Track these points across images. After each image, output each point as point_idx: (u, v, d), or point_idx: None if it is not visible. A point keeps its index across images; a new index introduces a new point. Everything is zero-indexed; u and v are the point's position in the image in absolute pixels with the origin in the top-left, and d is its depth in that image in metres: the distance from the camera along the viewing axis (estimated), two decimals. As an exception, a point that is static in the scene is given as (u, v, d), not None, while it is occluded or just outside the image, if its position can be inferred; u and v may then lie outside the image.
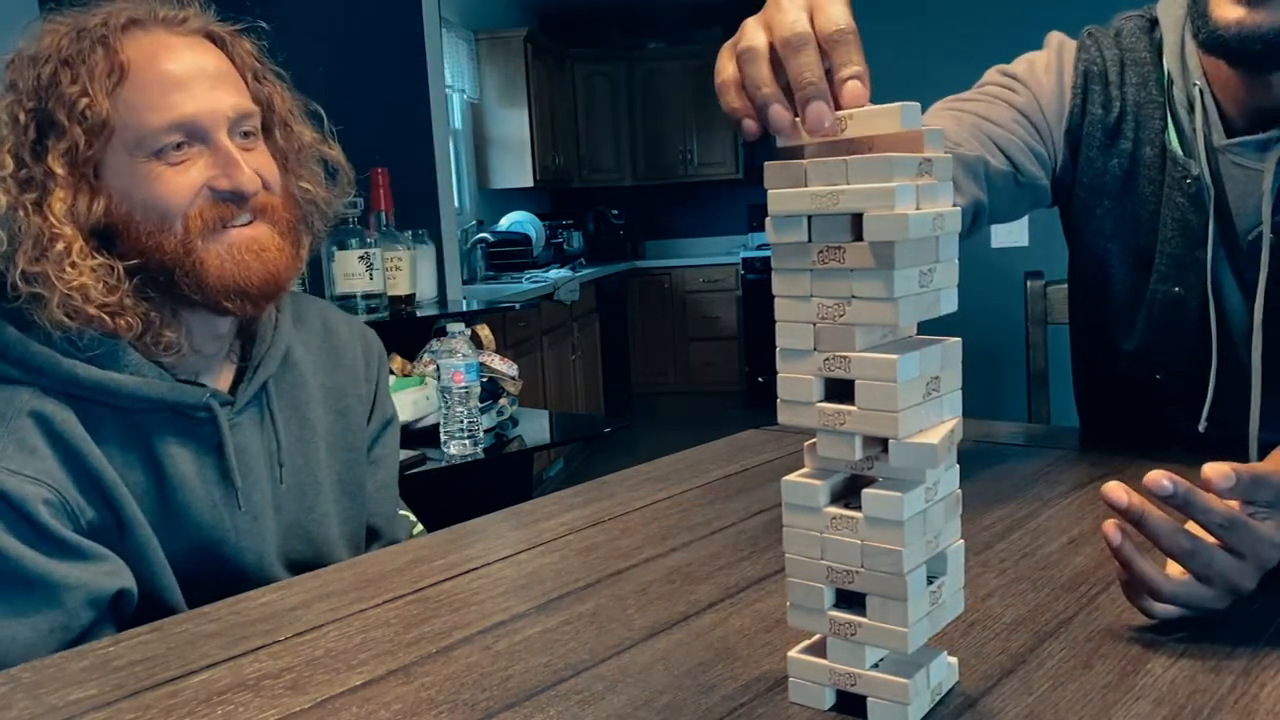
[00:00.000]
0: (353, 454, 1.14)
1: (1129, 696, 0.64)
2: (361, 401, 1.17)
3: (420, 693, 0.70)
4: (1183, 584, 0.69)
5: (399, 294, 2.41)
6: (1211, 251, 1.08)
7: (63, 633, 0.87)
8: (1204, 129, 1.06)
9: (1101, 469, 1.16)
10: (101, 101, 0.91)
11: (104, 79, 0.91)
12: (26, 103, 0.92)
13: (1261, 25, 0.93)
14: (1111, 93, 1.13)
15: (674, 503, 1.13)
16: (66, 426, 0.90)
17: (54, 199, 0.91)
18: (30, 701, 0.71)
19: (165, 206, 0.93)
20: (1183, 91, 1.08)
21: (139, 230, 0.93)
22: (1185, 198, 1.09)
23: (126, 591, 0.91)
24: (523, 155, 6.00)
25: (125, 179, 0.93)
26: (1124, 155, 1.13)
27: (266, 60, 1.04)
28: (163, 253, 0.94)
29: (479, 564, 0.96)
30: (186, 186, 0.93)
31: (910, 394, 0.57)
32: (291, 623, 0.84)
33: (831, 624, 0.61)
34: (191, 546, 0.97)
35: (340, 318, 1.19)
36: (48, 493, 0.87)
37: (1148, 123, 1.12)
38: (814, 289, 0.58)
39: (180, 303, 0.97)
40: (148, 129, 0.92)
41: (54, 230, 0.90)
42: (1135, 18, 1.16)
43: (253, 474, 1.02)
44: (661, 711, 0.65)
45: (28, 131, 0.92)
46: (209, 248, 0.94)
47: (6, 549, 0.85)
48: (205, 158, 0.94)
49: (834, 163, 0.56)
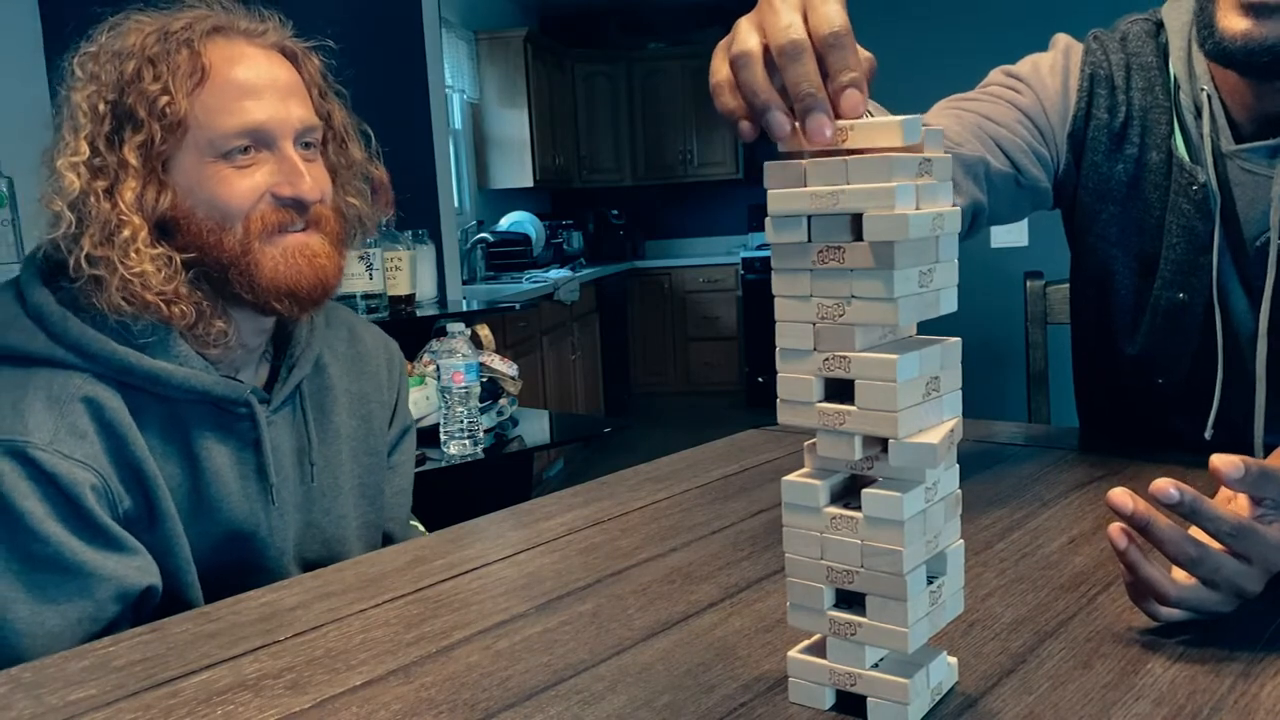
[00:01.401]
0: (375, 458, 1.16)
1: (1129, 696, 0.64)
2: (384, 408, 1.20)
3: (420, 693, 0.70)
4: (1189, 588, 0.69)
5: (399, 294, 2.41)
6: (1217, 258, 1.07)
7: (90, 624, 0.88)
8: (1212, 134, 1.05)
9: (1101, 470, 1.16)
10: (181, 101, 0.94)
11: (185, 80, 0.94)
12: (108, 94, 0.95)
13: (1268, 37, 0.93)
14: (1118, 97, 1.12)
15: (674, 503, 1.13)
16: (116, 414, 0.92)
17: (125, 188, 0.94)
18: (30, 701, 0.71)
19: (229, 207, 0.96)
20: (1189, 96, 1.08)
21: (200, 226, 0.96)
22: (1191, 204, 1.08)
23: (152, 589, 0.93)
24: (523, 155, 6.00)
25: (193, 176, 0.96)
26: (1130, 161, 1.13)
27: (330, 78, 1.09)
28: (221, 250, 0.97)
29: (479, 564, 0.96)
30: (250, 190, 0.96)
31: (910, 394, 0.57)
32: (291, 623, 0.84)
33: (831, 624, 0.61)
34: (220, 540, 0.99)
35: (365, 326, 1.23)
36: (95, 479, 0.89)
37: (1154, 128, 1.11)
38: (814, 289, 0.58)
39: (229, 299, 1.00)
40: (219, 131, 0.95)
41: (121, 217, 0.93)
42: (1141, 21, 1.15)
43: (283, 471, 1.04)
44: (661, 711, 0.65)
45: (105, 122, 0.95)
46: (265, 250, 0.97)
47: (50, 534, 0.87)
48: (270, 164, 0.97)
49: (834, 162, 0.56)
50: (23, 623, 0.85)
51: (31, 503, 0.86)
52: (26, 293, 0.95)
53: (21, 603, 0.86)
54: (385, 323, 2.30)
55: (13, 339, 0.92)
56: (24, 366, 0.91)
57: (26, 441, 0.86)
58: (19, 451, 0.86)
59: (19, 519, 0.86)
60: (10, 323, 0.93)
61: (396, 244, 2.39)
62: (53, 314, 0.93)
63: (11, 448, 0.86)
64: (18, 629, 0.85)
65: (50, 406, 0.89)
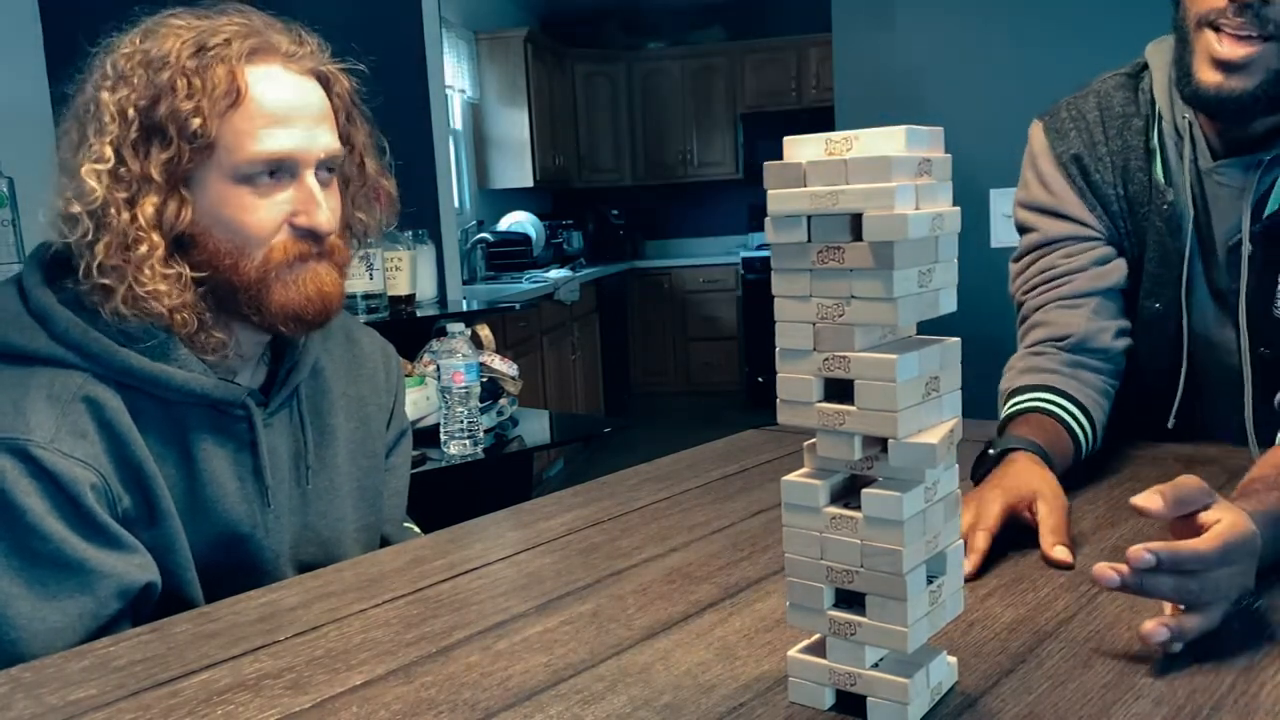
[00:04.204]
0: (373, 460, 1.17)
1: (1129, 696, 0.64)
2: (382, 410, 1.20)
3: (420, 693, 0.70)
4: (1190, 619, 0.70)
5: (399, 294, 2.41)
6: (1188, 269, 1.20)
7: (91, 621, 0.88)
8: (1191, 155, 1.18)
9: (1101, 470, 1.16)
10: (213, 122, 0.93)
11: (219, 100, 0.93)
12: (138, 100, 0.93)
13: (1236, 89, 1.07)
14: (1098, 150, 1.26)
15: (674, 503, 1.13)
16: (116, 414, 0.92)
17: (146, 202, 0.93)
18: (30, 701, 0.71)
19: (251, 234, 0.96)
20: (1171, 123, 1.20)
21: (218, 247, 0.96)
22: (1163, 221, 1.21)
23: (152, 586, 0.93)
24: (523, 155, 5.99)
25: (213, 196, 0.95)
26: (1119, 194, 1.25)
27: (358, 100, 1.08)
28: (237, 274, 0.97)
29: (479, 564, 0.96)
30: (271, 219, 0.97)
31: (910, 394, 0.57)
32: (291, 623, 0.84)
33: (831, 624, 0.61)
34: (216, 541, 0.99)
35: (362, 329, 1.23)
36: (94, 478, 0.89)
37: (1133, 162, 1.24)
38: (813, 289, 0.58)
39: (231, 313, 1.00)
40: (246, 156, 0.95)
41: (140, 232, 0.93)
42: (1113, 77, 1.29)
43: (279, 474, 1.04)
44: (661, 711, 0.65)
45: (132, 129, 0.94)
46: (280, 278, 0.98)
47: (50, 531, 0.87)
48: (289, 191, 0.97)
49: (834, 163, 0.56)
50: (23, 619, 0.86)
51: (32, 500, 0.86)
52: (29, 291, 0.95)
53: (22, 599, 0.86)
54: (385, 323, 2.30)
55: (15, 338, 0.92)
56: (25, 365, 0.91)
57: (28, 440, 0.87)
58: (20, 450, 0.86)
59: (20, 516, 0.86)
60: (13, 321, 0.93)
61: (396, 244, 2.39)
62: (55, 314, 0.93)
63: (13, 446, 0.86)
64: (18, 625, 0.85)
65: (51, 405, 0.89)
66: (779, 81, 6.80)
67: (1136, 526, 0.96)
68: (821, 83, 6.59)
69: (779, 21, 6.77)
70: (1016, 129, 1.38)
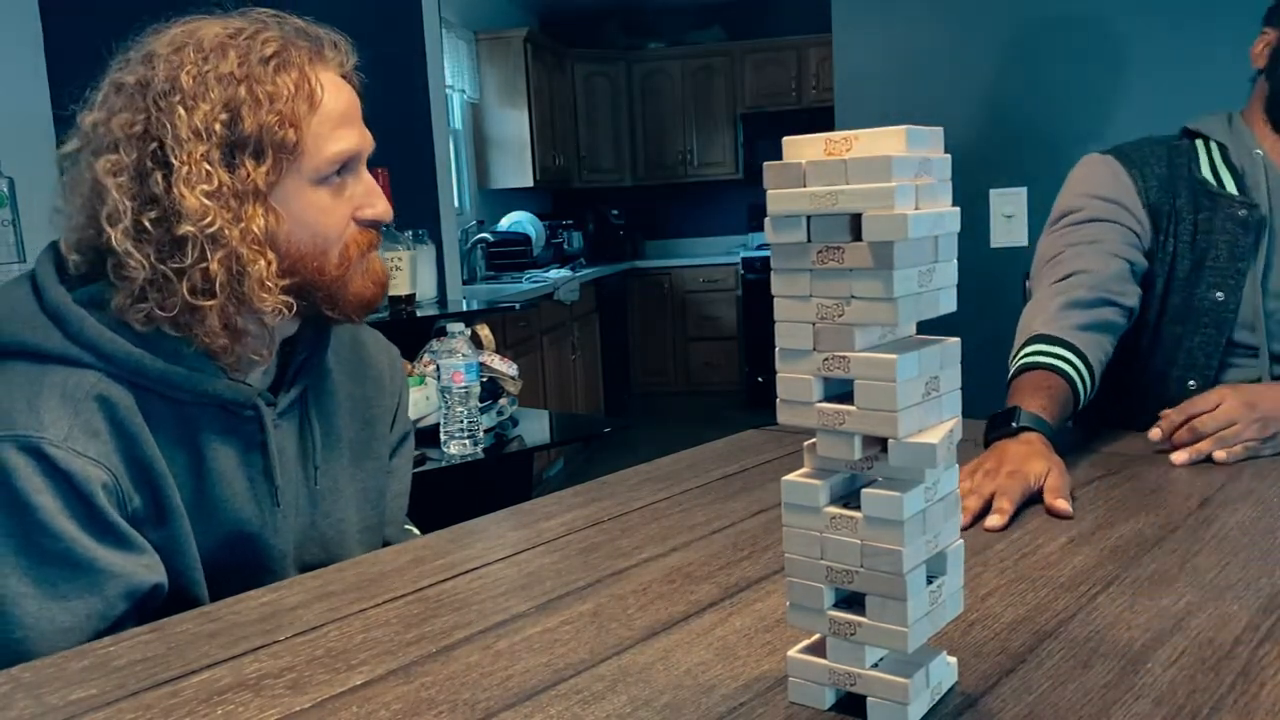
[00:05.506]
0: (377, 461, 1.17)
1: (1129, 696, 0.64)
2: (386, 412, 1.20)
3: (420, 693, 0.70)
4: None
5: (399, 294, 2.41)
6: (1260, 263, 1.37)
7: (98, 621, 0.88)
8: (1265, 176, 1.39)
9: (1100, 470, 1.16)
10: (302, 130, 0.95)
11: (300, 106, 0.95)
12: (220, 116, 0.93)
13: None
14: (1150, 183, 1.41)
15: (674, 503, 1.13)
16: (128, 413, 0.92)
17: (253, 218, 0.94)
18: (30, 701, 0.71)
19: (330, 234, 0.99)
20: (1236, 155, 1.41)
21: (301, 250, 0.98)
22: (1236, 225, 1.38)
23: (159, 587, 0.93)
24: (523, 155, 5.99)
25: (296, 201, 0.97)
26: (1184, 240, 1.41)
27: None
28: (321, 274, 0.99)
29: (479, 564, 0.96)
30: (343, 217, 1.00)
31: (910, 394, 0.57)
32: (291, 623, 0.84)
33: (831, 624, 0.61)
34: (224, 541, 0.99)
35: (367, 332, 1.24)
36: (106, 476, 0.89)
37: (1180, 184, 1.41)
38: (813, 289, 0.58)
39: (248, 316, 0.99)
40: (325, 158, 0.97)
41: (255, 250, 0.93)
42: (1152, 142, 1.47)
43: (287, 474, 1.05)
44: (661, 711, 0.65)
45: (219, 147, 0.93)
46: (355, 270, 1.01)
47: (61, 530, 0.87)
48: (351, 187, 1.00)
49: (833, 163, 0.56)
50: (31, 618, 0.86)
51: (44, 498, 0.86)
52: (43, 290, 0.95)
53: (30, 598, 0.86)
54: (385, 323, 2.31)
55: (29, 336, 0.92)
56: (40, 363, 0.91)
57: (41, 438, 0.87)
58: (34, 447, 0.87)
59: (32, 514, 0.86)
60: (28, 320, 0.93)
61: (396, 244, 2.39)
62: (70, 312, 0.93)
63: (27, 443, 0.86)
64: (25, 624, 0.85)
65: (65, 404, 0.89)
66: (779, 81, 6.80)
67: (1137, 526, 0.96)
68: (821, 83, 6.59)
69: (779, 21, 6.77)
70: (1016, 129, 1.39)
